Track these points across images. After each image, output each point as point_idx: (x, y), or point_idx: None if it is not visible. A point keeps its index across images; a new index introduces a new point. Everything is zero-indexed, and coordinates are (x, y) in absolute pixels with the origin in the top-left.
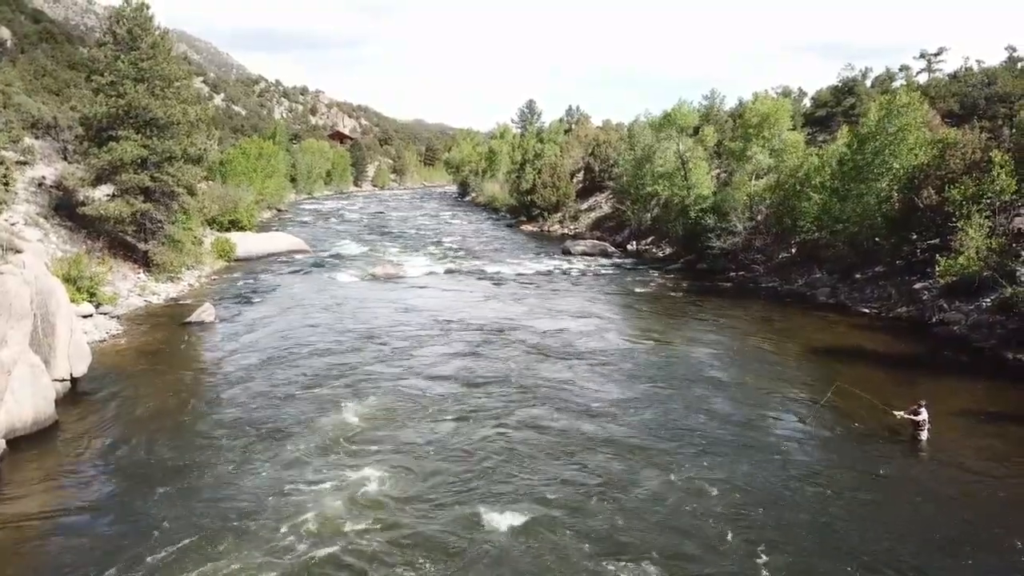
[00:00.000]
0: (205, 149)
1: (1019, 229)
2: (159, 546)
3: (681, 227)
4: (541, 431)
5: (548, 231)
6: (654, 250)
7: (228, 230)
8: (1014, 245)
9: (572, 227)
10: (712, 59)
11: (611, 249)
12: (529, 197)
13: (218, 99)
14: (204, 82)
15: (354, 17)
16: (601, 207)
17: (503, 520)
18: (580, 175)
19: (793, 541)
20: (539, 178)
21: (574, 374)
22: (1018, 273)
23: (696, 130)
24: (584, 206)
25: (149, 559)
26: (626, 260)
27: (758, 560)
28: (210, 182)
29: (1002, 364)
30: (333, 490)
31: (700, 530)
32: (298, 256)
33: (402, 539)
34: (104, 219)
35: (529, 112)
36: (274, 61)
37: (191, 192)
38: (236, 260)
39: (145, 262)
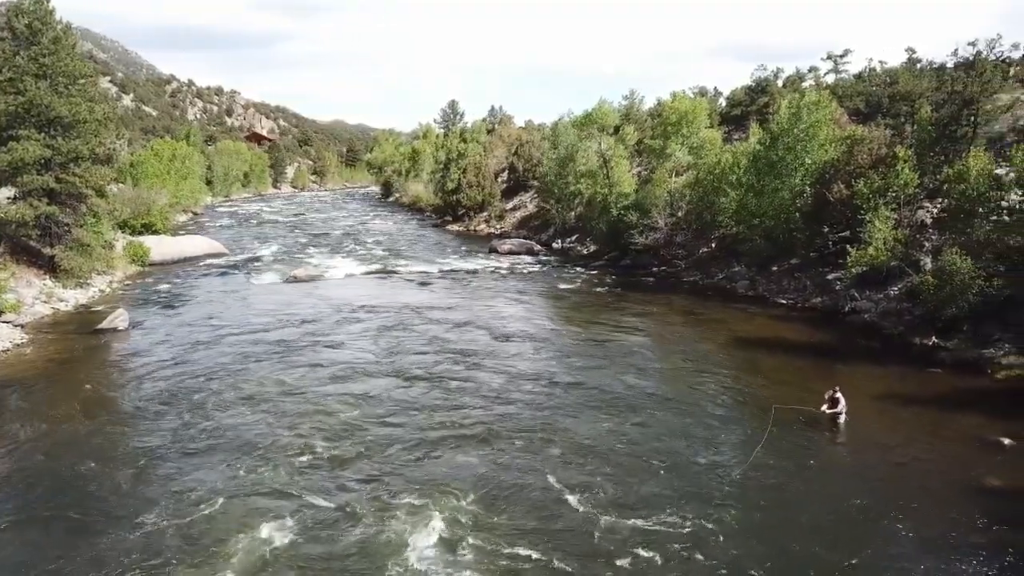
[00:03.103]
0: (114, 149)
1: (923, 221)
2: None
3: (604, 224)
4: (466, 427)
5: (474, 231)
6: (579, 248)
7: (141, 234)
8: (918, 236)
9: (498, 226)
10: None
11: (537, 247)
12: (454, 197)
13: (127, 99)
14: (112, 82)
15: (270, 16)
16: (526, 206)
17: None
18: (504, 175)
19: (713, 522)
20: (464, 178)
21: (501, 369)
22: (922, 263)
23: (617, 129)
24: (509, 205)
25: None
26: (552, 258)
27: (686, 545)
28: (121, 184)
29: (910, 349)
30: (246, 507)
31: (614, 529)
32: (216, 259)
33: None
34: (5, 223)
35: (452, 112)
36: (187, 60)
37: (100, 194)
38: (150, 264)
39: (51, 268)
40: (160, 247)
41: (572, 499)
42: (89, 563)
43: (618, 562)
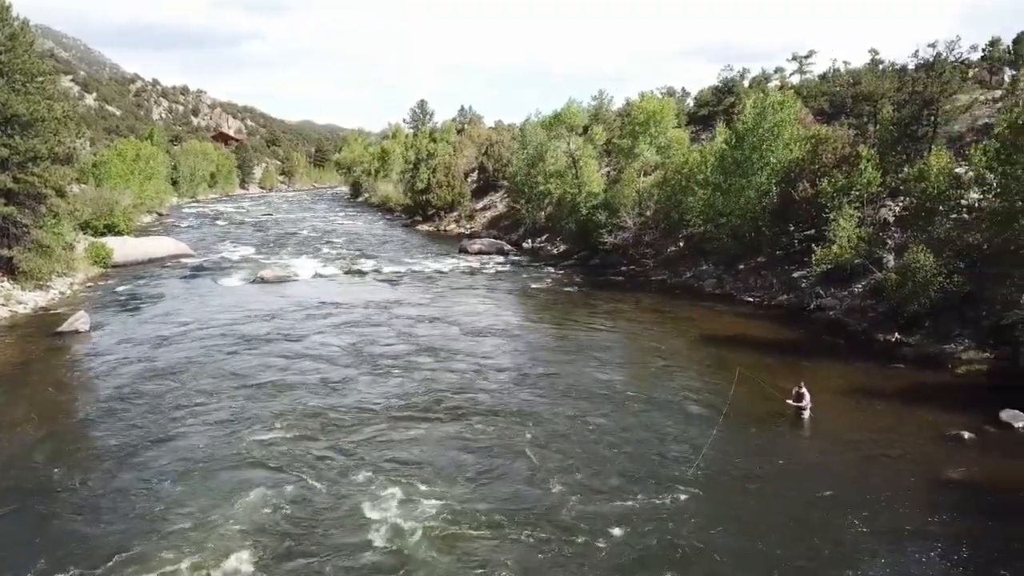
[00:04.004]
0: (74, 148)
1: (885, 219)
2: None
3: (574, 224)
4: (437, 414)
5: (444, 230)
6: (549, 247)
7: (104, 235)
8: (881, 234)
9: (468, 226)
10: (603, 62)
11: (507, 247)
12: (424, 197)
13: (90, 99)
14: (73, 80)
15: (237, 15)
16: (496, 206)
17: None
18: (474, 175)
19: (689, 519)
20: (434, 178)
21: (471, 363)
22: (885, 260)
23: (585, 129)
24: (479, 205)
25: None
26: (522, 257)
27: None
28: (83, 185)
29: (873, 345)
30: (215, 515)
31: (590, 523)
32: (181, 261)
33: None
34: None
35: (421, 112)
36: (152, 60)
37: (60, 194)
38: (113, 266)
39: (10, 270)
40: (123, 248)
41: (540, 479)
42: (57, 558)
43: (581, 539)
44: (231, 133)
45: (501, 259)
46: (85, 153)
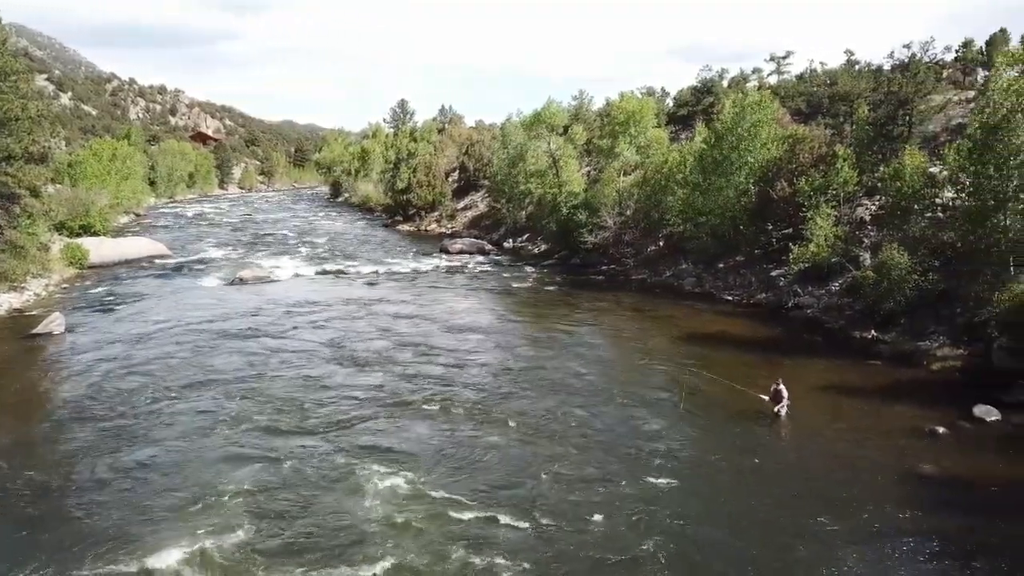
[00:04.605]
0: (48, 148)
1: (862, 218)
2: None
3: (555, 224)
4: (420, 405)
5: (425, 230)
6: (530, 247)
7: (80, 236)
8: (858, 233)
9: (449, 226)
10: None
11: (488, 247)
12: (405, 196)
13: (65, 98)
14: (48, 80)
15: (214, 14)
16: (477, 206)
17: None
18: (455, 174)
19: (666, 515)
20: (414, 177)
21: (453, 359)
22: (862, 258)
23: (566, 129)
24: (460, 205)
25: None
26: (503, 257)
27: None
28: (58, 185)
29: (850, 342)
30: (198, 503)
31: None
32: (159, 261)
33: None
34: None
35: (401, 112)
36: (129, 59)
37: (35, 194)
38: (89, 267)
39: None
40: (100, 249)
41: (520, 466)
42: (36, 555)
43: (554, 522)
44: (210, 133)
45: (482, 259)
46: (60, 153)
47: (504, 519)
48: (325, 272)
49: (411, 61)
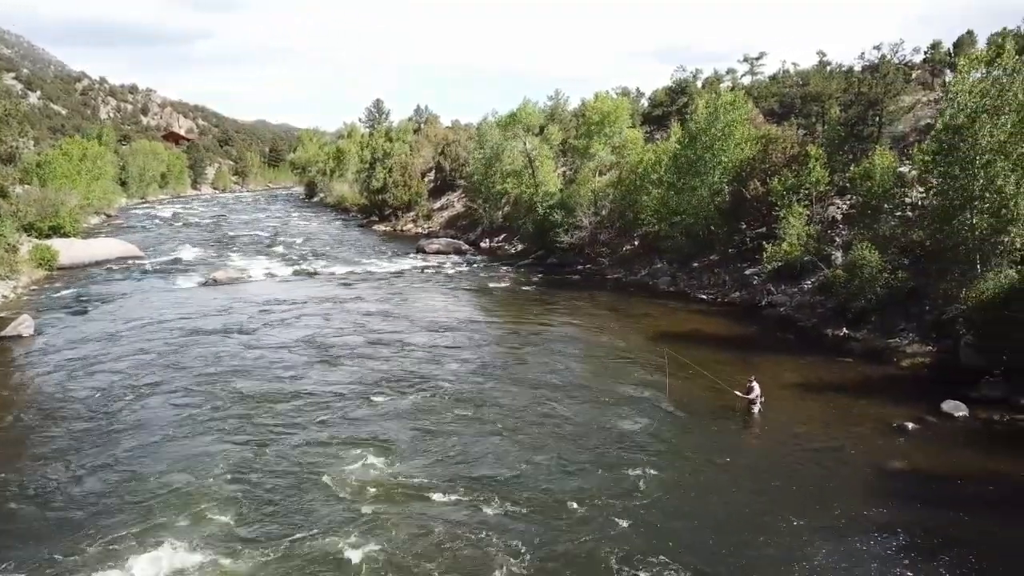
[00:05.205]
0: (17, 147)
1: (833, 217)
2: None
3: (531, 223)
4: (398, 398)
5: (402, 230)
6: (507, 247)
7: (49, 237)
8: (829, 232)
9: (426, 226)
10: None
11: (465, 247)
12: (380, 196)
13: (33, 97)
14: (16, 78)
15: (187, 13)
16: (454, 206)
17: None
18: (432, 174)
19: (637, 507)
20: (390, 177)
21: (430, 356)
22: (833, 257)
23: (542, 129)
24: (437, 205)
25: None
26: (480, 257)
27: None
28: (27, 185)
29: (822, 340)
30: (177, 491)
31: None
32: (130, 262)
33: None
34: None
35: (377, 111)
36: (100, 58)
37: (3, 195)
38: (59, 269)
39: None
40: (70, 250)
41: (496, 457)
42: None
43: (537, 512)
44: (182, 132)
45: (459, 259)
46: (29, 153)
47: (480, 506)
48: (300, 272)
49: (387, 61)
